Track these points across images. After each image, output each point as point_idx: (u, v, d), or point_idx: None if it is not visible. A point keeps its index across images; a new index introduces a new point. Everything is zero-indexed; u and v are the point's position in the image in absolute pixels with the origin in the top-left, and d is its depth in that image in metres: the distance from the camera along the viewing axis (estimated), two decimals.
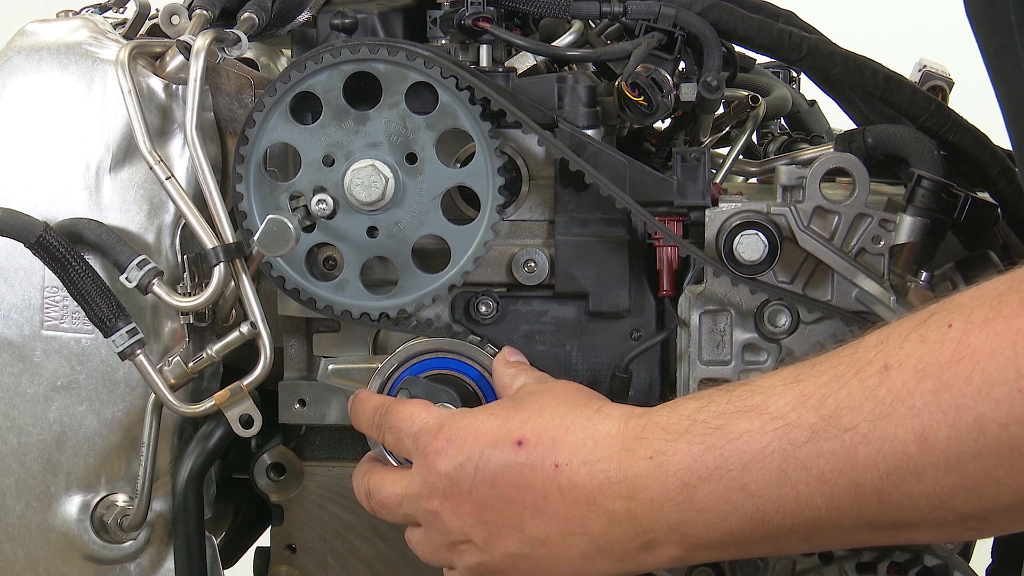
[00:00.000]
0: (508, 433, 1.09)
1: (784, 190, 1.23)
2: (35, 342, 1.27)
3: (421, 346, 1.26)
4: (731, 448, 0.98)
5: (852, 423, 0.93)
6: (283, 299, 1.28)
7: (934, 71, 1.49)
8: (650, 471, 1.02)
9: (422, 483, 1.13)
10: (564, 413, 1.09)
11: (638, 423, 1.05)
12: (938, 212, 1.18)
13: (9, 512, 1.29)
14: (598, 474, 1.04)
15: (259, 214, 1.23)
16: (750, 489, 0.97)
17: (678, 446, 1.01)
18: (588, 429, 1.07)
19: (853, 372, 0.94)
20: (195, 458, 1.27)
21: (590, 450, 1.06)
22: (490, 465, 1.09)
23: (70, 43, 1.27)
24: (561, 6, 1.26)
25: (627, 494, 1.03)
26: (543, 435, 1.08)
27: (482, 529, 1.10)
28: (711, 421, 1.00)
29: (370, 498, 1.19)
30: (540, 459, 1.07)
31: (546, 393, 1.15)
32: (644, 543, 1.04)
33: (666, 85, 1.23)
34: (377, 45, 1.21)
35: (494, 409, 1.14)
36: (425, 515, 1.14)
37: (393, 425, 1.18)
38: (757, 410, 0.98)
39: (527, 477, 1.07)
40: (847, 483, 0.94)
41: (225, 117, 1.29)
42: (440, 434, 1.12)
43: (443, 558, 1.15)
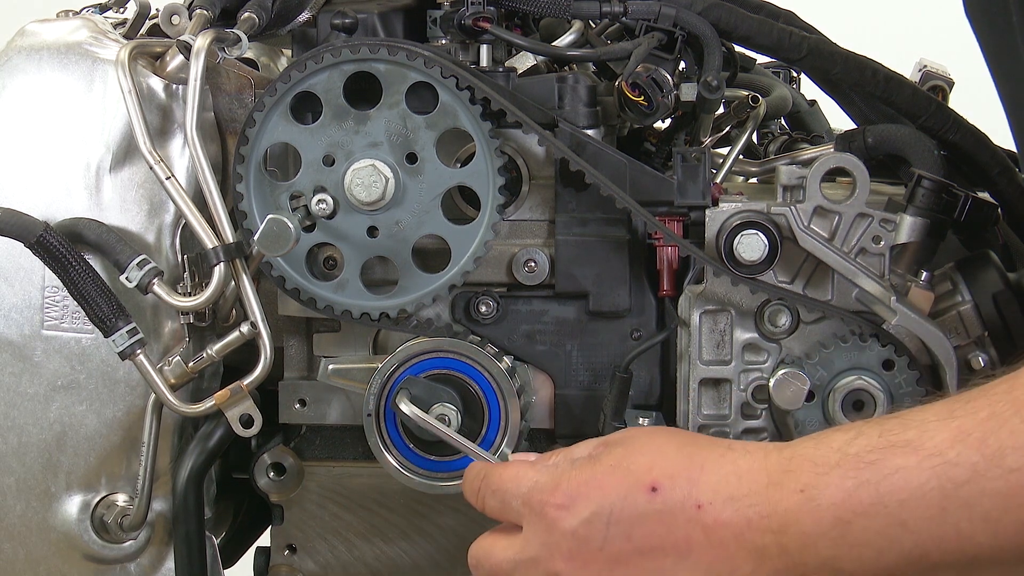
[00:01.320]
0: (638, 481, 1.02)
1: (784, 190, 1.23)
2: (35, 342, 1.27)
3: (421, 346, 1.26)
4: (887, 484, 0.95)
5: (1018, 463, 0.91)
6: (283, 299, 1.28)
7: (934, 71, 1.49)
8: (801, 504, 0.97)
9: (541, 545, 1.05)
10: (693, 452, 1.04)
11: (781, 456, 1.01)
12: (938, 212, 1.19)
13: (9, 512, 1.29)
14: (746, 509, 0.99)
15: (259, 214, 1.23)
16: (908, 526, 0.95)
17: (830, 479, 0.97)
18: (727, 465, 1.02)
19: (1013, 411, 0.92)
20: (195, 458, 1.27)
21: (734, 486, 1.00)
22: (625, 516, 1.02)
23: (70, 43, 1.27)
24: (561, 6, 1.26)
25: (777, 528, 0.98)
26: (678, 476, 1.02)
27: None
28: (863, 455, 0.97)
29: (479, 566, 1.11)
30: (680, 502, 1.01)
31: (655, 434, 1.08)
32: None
33: (666, 85, 1.23)
34: (377, 45, 1.21)
35: (607, 459, 1.05)
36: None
37: (497, 488, 1.10)
38: (912, 445, 0.95)
39: (667, 523, 1.01)
40: (1014, 521, 0.92)
41: (225, 117, 1.29)
42: (558, 491, 1.05)
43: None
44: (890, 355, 1.20)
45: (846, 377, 1.21)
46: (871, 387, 1.20)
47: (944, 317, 1.21)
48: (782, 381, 1.22)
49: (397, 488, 1.30)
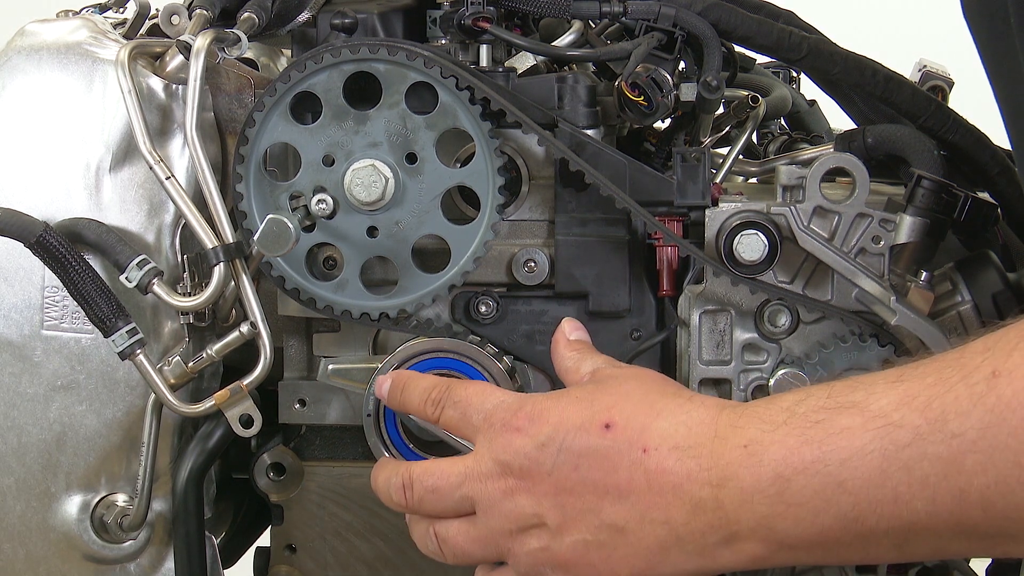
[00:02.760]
0: (595, 416, 1.05)
1: (784, 190, 1.23)
2: (35, 342, 1.27)
3: (421, 346, 1.26)
4: (830, 443, 0.95)
5: (960, 429, 0.91)
6: (283, 299, 1.28)
7: (934, 71, 1.49)
8: (743, 460, 0.98)
9: (493, 461, 1.08)
10: (654, 400, 1.06)
11: (733, 413, 1.02)
12: (938, 212, 1.18)
13: (9, 512, 1.29)
14: (688, 460, 1.01)
15: (259, 214, 1.23)
16: (847, 486, 0.95)
17: (775, 436, 0.98)
18: (680, 415, 1.04)
19: (960, 377, 0.92)
20: (195, 458, 1.27)
21: (682, 436, 1.02)
22: (575, 447, 1.05)
23: (70, 43, 1.27)
24: (561, 6, 1.26)
25: (716, 482, 0.99)
26: (632, 420, 1.04)
27: (558, 512, 1.05)
28: (810, 415, 0.97)
29: (414, 485, 1.13)
30: (628, 443, 1.03)
31: (630, 379, 1.11)
32: (726, 536, 1.00)
33: (666, 85, 1.23)
34: (377, 45, 1.21)
35: (576, 392, 1.10)
36: (491, 496, 1.08)
37: (460, 400, 1.13)
38: (858, 406, 0.95)
39: (613, 461, 1.03)
40: (952, 489, 0.92)
41: (225, 117, 1.29)
42: (520, 412, 1.08)
43: (497, 547, 1.09)
44: (890, 355, 1.20)
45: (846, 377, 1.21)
46: None
47: (944, 317, 1.21)
48: (782, 381, 1.22)
49: None
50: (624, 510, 1.03)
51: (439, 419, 1.15)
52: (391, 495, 1.15)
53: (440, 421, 1.15)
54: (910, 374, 0.96)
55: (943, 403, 0.92)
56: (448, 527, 1.12)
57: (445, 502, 1.12)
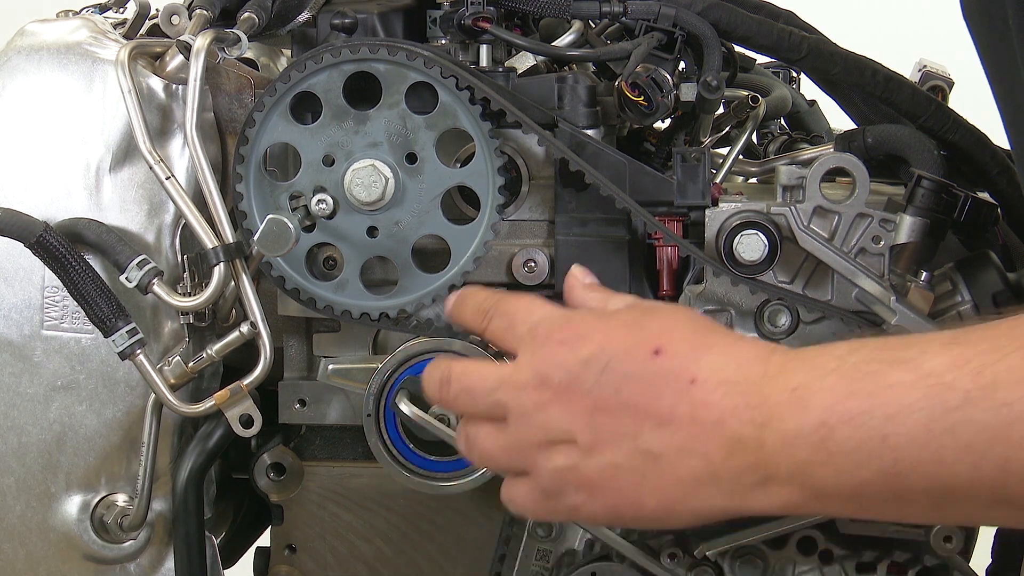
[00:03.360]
0: (645, 340, 1.01)
1: (784, 190, 1.23)
2: (35, 342, 1.27)
3: (421, 346, 1.26)
4: (878, 396, 0.93)
5: (1010, 398, 0.89)
6: (283, 299, 1.28)
7: (934, 71, 1.49)
8: (790, 402, 0.96)
9: (533, 372, 1.03)
10: (706, 332, 1.03)
11: (785, 355, 1.00)
12: (938, 212, 1.18)
13: (9, 512, 1.29)
14: (736, 396, 0.98)
15: (259, 214, 1.23)
16: (890, 441, 0.93)
17: (824, 383, 0.95)
18: (732, 351, 1.01)
19: (1015, 347, 0.91)
20: (195, 458, 1.27)
21: (732, 371, 0.99)
22: (620, 369, 1.00)
23: (70, 43, 1.27)
24: (561, 6, 1.26)
25: (761, 421, 0.97)
26: (682, 348, 1.01)
27: (590, 432, 1.01)
28: (861, 365, 0.95)
29: (449, 383, 1.09)
30: (676, 372, 1.00)
31: (679, 310, 1.08)
32: (763, 477, 0.98)
33: (666, 85, 1.23)
34: (377, 45, 1.21)
35: (625, 315, 1.06)
36: (524, 406, 1.04)
37: (508, 311, 1.09)
38: (911, 363, 0.93)
39: (658, 388, 1.00)
40: (996, 457, 0.90)
41: (225, 117, 1.29)
42: (568, 326, 1.05)
43: (523, 458, 1.05)
44: None
45: None
46: None
47: (944, 317, 1.21)
48: None
49: (397, 488, 1.31)
50: (663, 438, 1.00)
51: (486, 329, 1.12)
52: (431, 389, 1.11)
53: (487, 332, 1.12)
54: (965, 338, 0.94)
55: (995, 371, 0.91)
56: (478, 429, 1.08)
57: (478, 404, 1.08)
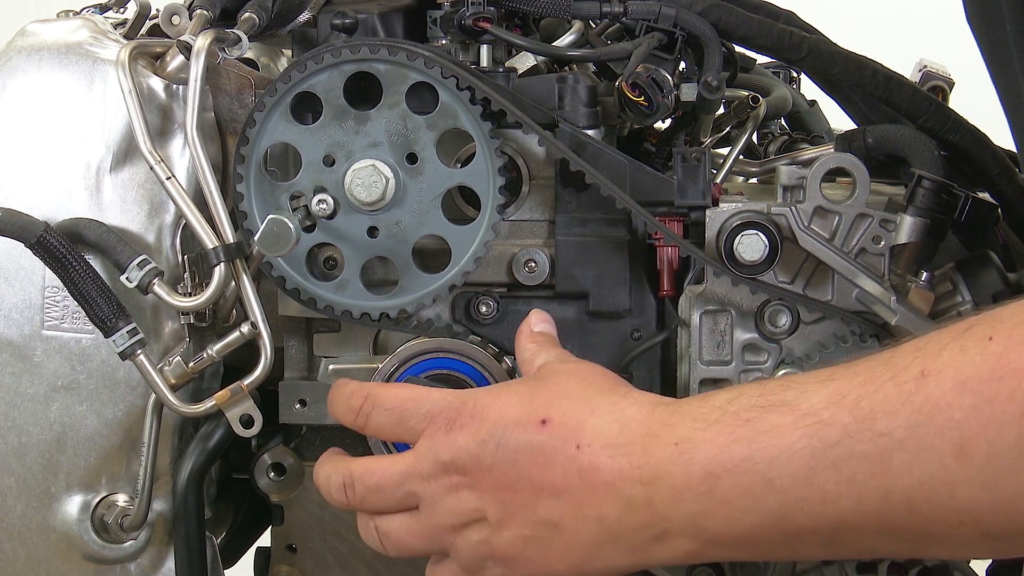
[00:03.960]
0: (533, 412, 1.06)
1: (784, 190, 1.23)
2: (35, 342, 1.27)
3: (421, 346, 1.26)
4: (760, 441, 0.96)
5: (887, 428, 0.91)
6: (283, 299, 1.28)
7: (934, 71, 1.49)
8: (674, 458, 0.99)
9: (435, 461, 1.09)
10: (591, 396, 1.07)
11: (666, 410, 1.03)
12: (938, 212, 1.19)
13: (9, 512, 1.29)
14: (620, 458, 1.02)
15: (259, 214, 1.23)
16: (775, 484, 0.95)
17: (706, 435, 0.99)
18: (615, 413, 1.05)
19: (889, 376, 0.92)
20: (195, 458, 1.27)
21: (615, 433, 1.03)
22: (512, 443, 1.06)
23: (71, 43, 1.27)
24: (561, 6, 1.26)
25: (648, 479, 1.00)
26: (568, 416, 1.05)
27: (498, 507, 1.06)
28: (742, 413, 0.98)
29: (355, 484, 1.14)
30: (563, 440, 1.04)
31: (572, 375, 1.12)
32: (658, 533, 1.01)
33: (666, 85, 1.23)
34: (377, 45, 1.21)
35: (517, 387, 1.11)
36: (434, 493, 1.09)
37: (393, 407, 1.13)
38: (789, 405, 0.96)
39: (548, 457, 1.04)
40: (878, 488, 0.92)
41: (225, 117, 1.29)
42: (463, 409, 1.09)
43: (440, 540, 1.11)
44: None
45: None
46: None
47: (944, 317, 1.21)
48: None
49: None
50: (559, 506, 1.04)
51: (365, 426, 1.15)
52: (331, 493, 1.16)
53: (367, 428, 1.15)
54: (841, 373, 0.96)
55: (872, 401, 0.92)
56: (390, 522, 1.13)
57: (388, 500, 1.13)
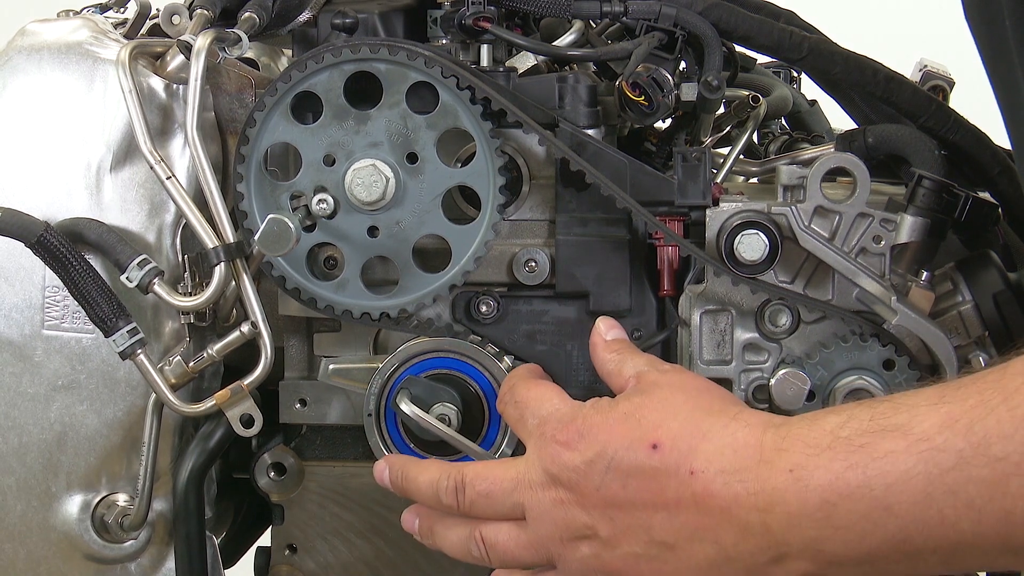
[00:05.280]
0: (643, 435, 1.06)
1: (785, 190, 1.23)
2: (36, 342, 1.27)
3: (422, 346, 1.26)
4: (875, 467, 0.96)
5: (1003, 452, 0.91)
6: (284, 299, 1.28)
7: (935, 71, 1.49)
8: (789, 485, 0.99)
9: (543, 472, 1.09)
10: (700, 418, 1.06)
11: (778, 434, 1.03)
12: (939, 212, 1.19)
13: (10, 512, 1.29)
14: (735, 484, 1.01)
15: (260, 214, 1.23)
16: (893, 510, 0.95)
17: (820, 461, 0.98)
18: (726, 437, 1.04)
19: (1001, 399, 0.92)
20: (196, 458, 1.27)
21: (728, 459, 1.03)
22: (623, 466, 1.06)
23: (71, 43, 1.27)
24: (562, 6, 1.26)
25: (764, 507, 1.00)
26: (679, 440, 1.05)
27: (609, 524, 1.06)
28: (854, 439, 0.98)
29: (466, 488, 1.14)
30: (676, 465, 1.04)
31: (677, 390, 1.11)
32: (776, 556, 1.01)
33: (667, 85, 1.23)
34: (378, 45, 1.21)
35: (624, 407, 1.10)
36: (543, 504, 1.09)
37: (522, 400, 1.16)
38: (902, 430, 0.96)
39: (661, 482, 1.04)
40: (997, 510, 0.92)
41: (226, 117, 1.29)
42: (571, 425, 1.09)
43: (548, 552, 1.10)
44: (891, 355, 1.20)
45: (847, 377, 1.21)
46: (872, 387, 1.20)
47: (945, 317, 1.21)
48: (783, 381, 1.22)
49: None
50: (674, 529, 1.04)
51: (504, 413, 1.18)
52: (440, 497, 1.16)
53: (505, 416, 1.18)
54: (952, 395, 0.96)
55: (985, 426, 0.92)
56: (498, 532, 1.13)
57: (497, 507, 1.13)
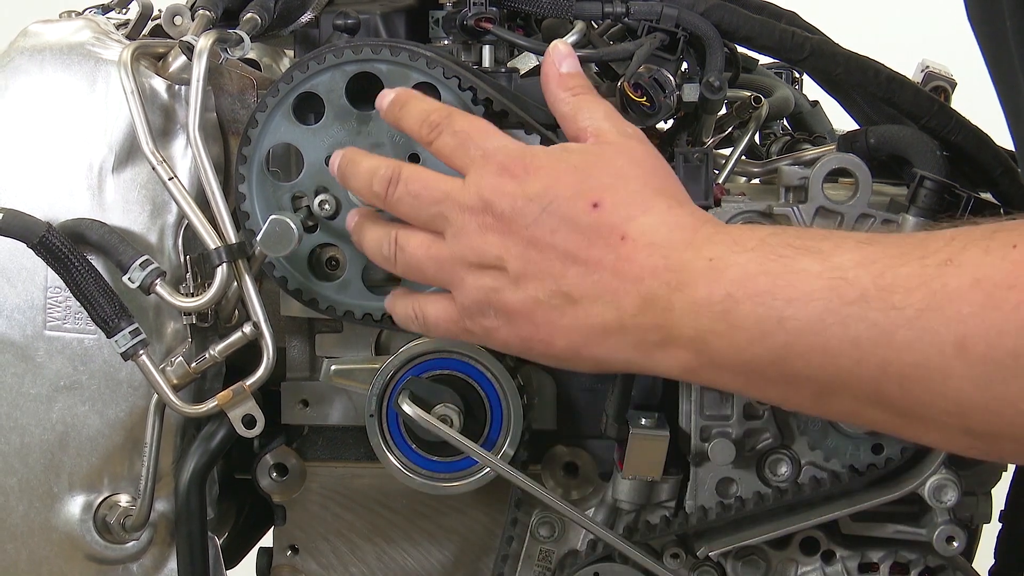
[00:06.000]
0: (588, 191, 1.07)
1: (787, 190, 1.23)
2: (38, 342, 1.27)
3: (423, 347, 1.26)
4: (784, 279, 0.98)
5: (901, 303, 0.93)
6: (285, 299, 1.28)
7: (937, 72, 1.49)
8: (705, 271, 1.01)
9: (479, 196, 1.09)
10: (648, 195, 1.08)
11: (713, 227, 1.05)
12: (941, 212, 1.18)
13: (12, 512, 1.29)
14: (658, 258, 1.03)
15: (261, 214, 1.23)
16: (785, 325, 0.97)
17: (739, 259, 1.01)
18: (667, 216, 1.06)
19: (918, 255, 0.94)
20: (198, 458, 1.27)
21: (661, 235, 1.04)
22: (559, 212, 1.06)
23: (73, 44, 1.27)
24: (563, 6, 1.26)
25: (675, 284, 1.02)
26: (620, 206, 1.06)
27: (520, 263, 1.07)
28: (778, 248, 1.00)
29: (399, 183, 1.13)
30: (610, 227, 1.05)
31: (634, 163, 1.10)
32: (665, 338, 1.03)
33: (668, 85, 1.23)
34: (379, 45, 1.21)
35: (576, 159, 1.10)
36: (465, 225, 1.10)
37: (460, 129, 1.13)
38: (823, 254, 0.98)
39: (589, 238, 1.05)
40: (878, 357, 0.94)
41: (228, 118, 1.29)
42: (519, 160, 1.09)
43: (452, 272, 1.11)
44: None
45: None
46: None
47: None
48: None
49: (399, 489, 1.31)
50: (583, 284, 1.05)
51: (433, 143, 1.14)
52: (373, 183, 1.14)
53: (434, 146, 1.14)
54: (880, 240, 0.98)
55: (895, 275, 0.94)
56: (411, 236, 1.13)
57: (420, 211, 1.12)
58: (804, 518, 1.26)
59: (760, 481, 1.27)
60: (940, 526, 1.25)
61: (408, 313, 1.17)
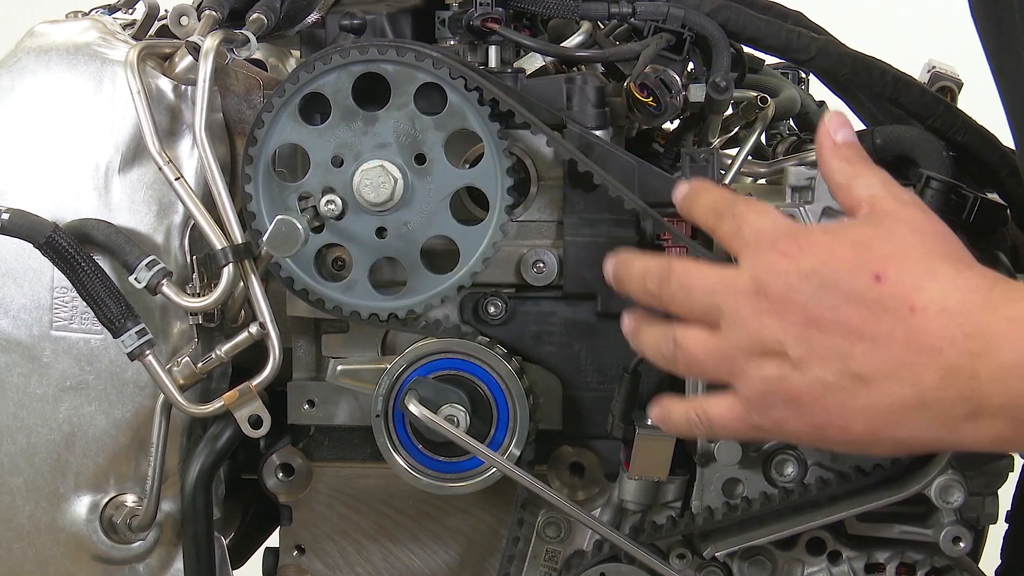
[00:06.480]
0: (868, 264, 1.01)
1: (793, 191, 1.23)
2: (44, 342, 1.27)
3: (430, 347, 1.26)
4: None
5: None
6: (292, 300, 1.28)
7: (943, 72, 1.49)
8: (1008, 332, 0.96)
9: (752, 278, 1.03)
10: (933, 262, 1.01)
11: (1009, 286, 1.00)
12: (947, 213, 1.18)
13: (18, 512, 1.29)
14: (954, 326, 0.97)
15: (268, 215, 1.23)
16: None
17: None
18: (957, 280, 0.99)
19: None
20: (204, 458, 1.27)
21: (953, 300, 0.98)
22: (839, 288, 1.00)
23: (79, 44, 1.27)
24: (570, 7, 1.26)
25: (977, 351, 0.96)
26: (905, 275, 1.00)
27: (803, 345, 1.01)
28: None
29: (668, 280, 1.09)
30: (896, 299, 0.99)
31: (914, 230, 1.04)
32: (973, 409, 0.97)
33: (675, 86, 1.23)
34: (386, 46, 1.21)
35: (853, 233, 1.04)
36: (739, 311, 1.04)
37: (740, 213, 1.08)
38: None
39: (875, 313, 0.99)
40: None
41: (234, 118, 1.29)
42: (792, 238, 1.04)
43: (732, 364, 1.05)
44: None
45: None
46: None
47: None
48: None
49: (406, 489, 1.30)
50: (874, 361, 1.00)
51: (716, 231, 1.10)
52: (646, 281, 1.11)
53: (717, 234, 1.10)
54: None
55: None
56: (688, 333, 1.08)
57: (694, 303, 1.07)
58: (810, 518, 1.26)
59: (766, 481, 1.27)
60: (946, 527, 1.25)
61: (690, 418, 1.10)
